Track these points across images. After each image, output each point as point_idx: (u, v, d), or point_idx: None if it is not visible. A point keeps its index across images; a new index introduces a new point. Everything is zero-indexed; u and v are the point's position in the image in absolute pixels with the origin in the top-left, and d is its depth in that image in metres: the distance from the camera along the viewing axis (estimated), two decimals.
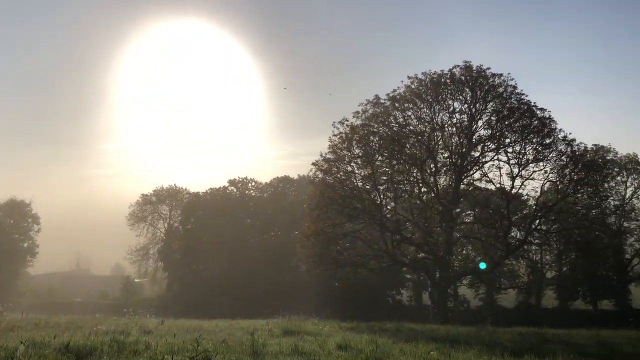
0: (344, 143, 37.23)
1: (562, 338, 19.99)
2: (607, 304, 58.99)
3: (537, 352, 14.09)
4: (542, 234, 39.03)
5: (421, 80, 37.18)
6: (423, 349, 14.33)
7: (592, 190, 35.14)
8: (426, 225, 36.52)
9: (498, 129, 35.65)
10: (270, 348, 13.74)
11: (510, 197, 35.29)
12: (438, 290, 38.17)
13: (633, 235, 61.49)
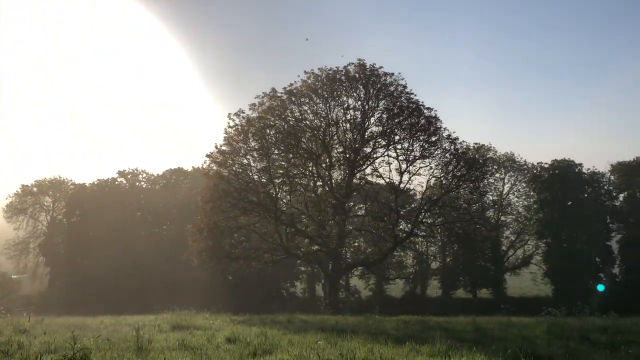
0: (239, 135, 36.97)
1: (442, 325, 21.21)
2: (485, 293, 63.44)
3: (418, 339, 14.91)
4: (427, 227, 41.06)
5: (317, 75, 37.72)
6: (311, 339, 14.66)
7: (472, 186, 37.49)
8: (320, 218, 37.20)
9: (389, 126, 37.01)
10: (157, 344, 13.44)
11: (398, 191, 36.85)
12: (330, 282, 39.09)
13: (509, 228, 66.62)
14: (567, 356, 11.70)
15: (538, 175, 62.40)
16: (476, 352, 11.58)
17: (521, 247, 66.42)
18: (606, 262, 59.40)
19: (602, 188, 61.37)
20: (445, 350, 12.05)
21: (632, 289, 55.17)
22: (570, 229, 59.15)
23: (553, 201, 59.67)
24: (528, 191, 64.54)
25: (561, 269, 57.50)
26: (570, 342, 14.33)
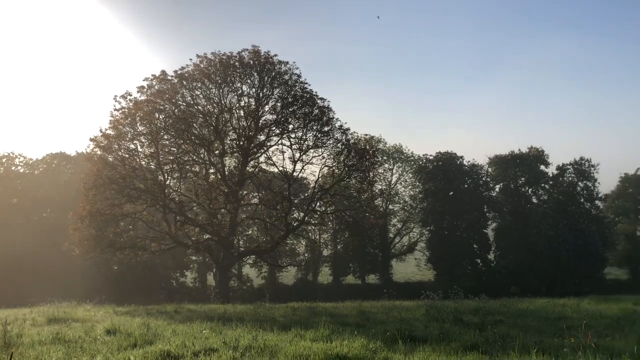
0: (126, 119, 35.29)
1: (329, 310, 21.71)
2: (373, 278, 65.86)
3: (304, 325, 15.16)
4: (319, 215, 41.76)
5: (211, 60, 36.87)
6: (197, 328, 14.42)
7: (362, 175, 38.55)
8: (211, 206, 36.55)
9: (283, 114, 37.06)
10: (27, 338, 12.56)
11: (291, 180, 37.10)
12: (220, 271, 38.62)
13: (396, 216, 69.55)
14: (441, 337, 12.39)
15: (423, 166, 65.56)
16: (357, 336, 11.95)
17: (407, 235, 69.68)
18: (483, 249, 63.75)
19: (481, 179, 65.65)
20: (328, 335, 12.32)
21: (505, 274, 59.85)
22: (452, 218, 62.86)
23: (436, 191, 63.01)
24: (414, 181, 67.64)
25: (442, 255, 61.03)
26: (445, 324, 15.21)
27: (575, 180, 64.24)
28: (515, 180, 64.46)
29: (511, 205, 63.39)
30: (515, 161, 63.90)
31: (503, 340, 11.77)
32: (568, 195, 62.92)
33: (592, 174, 63.77)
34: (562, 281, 56.04)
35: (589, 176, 63.70)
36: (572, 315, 18.07)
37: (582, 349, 9.31)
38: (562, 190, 63.39)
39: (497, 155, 65.54)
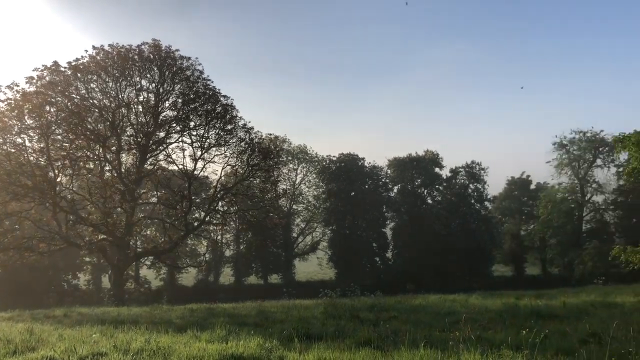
0: (13, 111, 32.89)
1: (228, 311, 21.48)
2: (275, 278, 65.89)
3: (201, 326, 14.90)
4: (221, 215, 41.21)
5: (108, 52, 35.31)
6: (87, 332, 13.74)
7: (266, 175, 38.56)
8: (106, 205, 34.96)
9: (184, 111, 36.23)
10: None
11: (192, 178, 36.33)
12: (115, 272, 37.04)
13: (300, 216, 70.11)
14: (337, 333, 12.66)
15: (327, 167, 66.65)
16: (254, 335, 11.92)
17: (310, 234, 70.45)
18: (382, 247, 65.84)
19: (380, 180, 67.79)
20: (225, 336, 12.20)
21: (401, 271, 62.22)
22: (353, 217, 64.39)
23: (339, 191, 64.30)
24: (318, 182, 68.55)
25: (343, 254, 62.35)
26: (342, 321, 15.55)
27: (466, 183, 68.06)
28: (412, 182, 67.17)
29: (408, 206, 65.95)
30: (413, 164, 66.63)
31: (395, 335, 12.22)
32: (460, 196, 66.54)
33: (482, 177, 67.88)
34: (454, 278, 59.04)
35: (479, 179, 67.72)
36: (460, 310, 19.08)
37: (464, 342, 9.88)
38: (455, 192, 66.93)
39: (396, 157, 67.98)
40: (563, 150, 67.39)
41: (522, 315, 16.79)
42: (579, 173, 67.14)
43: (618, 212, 67.05)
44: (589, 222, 68.42)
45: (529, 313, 16.99)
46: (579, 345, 10.61)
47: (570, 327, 13.09)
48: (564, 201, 66.61)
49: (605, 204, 68.02)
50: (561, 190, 67.52)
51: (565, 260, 64.26)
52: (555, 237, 66.84)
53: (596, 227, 66.89)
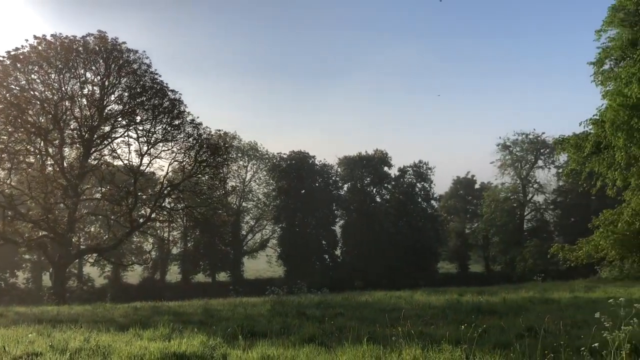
0: None
1: (173, 309, 21.10)
2: (224, 276, 65.32)
3: (144, 324, 14.60)
4: (168, 212, 40.49)
5: (50, 42, 34.07)
6: (22, 332, 13.23)
7: (214, 171, 38.11)
8: (47, 201, 33.76)
9: (130, 105, 35.40)
10: None
11: (138, 174, 35.54)
12: (56, 270, 35.84)
13: (249, 213, 69.74)
14: (283, 330, 12.68)
15: (277, 164, 66.54)
16: (198, 333, 11.79)
17: (259, 232, 70.23)
18: (331, 245, 66.31)
19: (331, 178, 68.27)
20: (168, 334, 12.02)
21: (350, 268, 62.86)
22: (303, 215, 64.59)
23: (289, 189, 64.35)
24: (268, 179, 68.36)
25: (293, 252, 62.45)
26: (288, 318, 15.56)
27: (414, 182, 69.38)
28: (361, 180, 67.93)
29: (357, 204, 66.64)
30: (362, 162, 67.39)
31: (340, 331, 12.33)
32: (408, 195, 67.76)
33: (429, 176, 69.34)
34: (401, 275, 60.04)
35: (426, 178, 69.16)
36: (405, 306, 19.41)
37: (406, 337, 10.08)
38: (403, 190, 68.11)
39: (346, 156, 68.59)
40: (506, 152, 69.65)
41: (464, 311, 17.22)
42: (521, 173, 69.52)
43: (557, 211, 69.86)
44: (530, 221, 71.01)
45: (470, 309, 17.44)
46: (515, 339, 10.98)
47: (509, 322, 13.54)
48: (507, 200, 68.85)
49: (546, 203, 70.78)
50: (504, 190, 69.77)
51: (507, 257, 66.42)
52: (498, 235, 69.00)
53: (537, 225, 69.49)
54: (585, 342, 8.72)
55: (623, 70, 33.49)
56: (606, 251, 32.67)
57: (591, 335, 9.46)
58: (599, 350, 7.80)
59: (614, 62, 36.94)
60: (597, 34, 37.44)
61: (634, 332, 7.85)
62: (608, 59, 36.99)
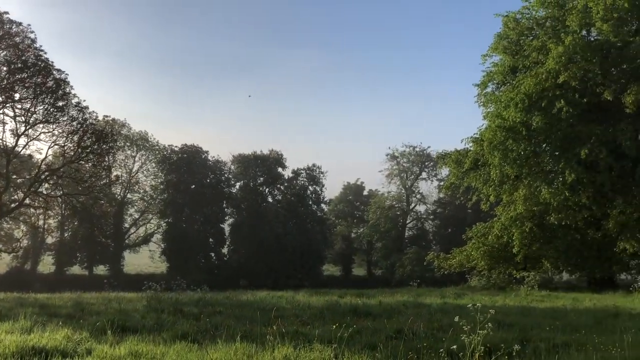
0: None
1: (41, 301, 19.89)
2: (102, 270, 62.20)
3: (4, 316, 13.63)
4: (44, 198, 37.93)
5: None
6: None
7: (98, 159, 36.18)
8: None
9: (9, 81, 32.68)
10: None
11: (11, 155, 32.93)
12: None
13: (134, 206, 67.03)
14: (156, 326, 12.33)
15: (168, 157, 64.56)
16: (63, 327, 11.16)
17: (144, 225, 67.71)
18: (218, 243, 65.42)
19: (223, 175, 67.39)
20: (30, 327, 11.27)
21: (236, 267, 62.40)
22: (191, 211, 63.15)
23: (178, 183, 62.64)
24: (157, 171, 66.11)
25: (177, 248, 60.84)
26: (163, 315, 15.17)
27: (306, 184, 70.37)
28: (254, 179, 67.75)
29: (248, 203, 66.35)
30: (257, 161, 67.24)
31: (216, 329, 12.22)
32: (299, 197, 68.58)
33: (321, 180, 70.66)
34: (287, 275, 60.54)
35: (318, 181, 70.40)
36: (285, 306, 19.64)
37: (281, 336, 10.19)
38: (295, 192, 68.83)
39: (241, 154, 68.10)
40: (394, 162, 72.81)
41: (341, 312, 17.71)
42: (406, 183, 72.92)
43: (436, 221, 73.98)
44: (411, 229, 74.67)
45: (347, 310, 17.97)
46: (385, 340, 11.47)
47: (381, 324, 14.13)
48: (392, 208, 71.89)
49: (426, 213, 74.82)
50: (390, 198, 72.85)
51: (388, 263, 69.20)
52: (381, 241, 71.79)
53: (417, 234, 73.22)
54: (446, 345, 9.32)
55: (503, 94, 36.28)
56: (476, 261, 35.04)
57: (453, 338, 10.13)
58: (456, 352, 8.35)
59: (495, 86, 39.93)
60: (483, 58, 40.34)
61: (487, 336, 8.50)
62: (491, 82, 39.93)
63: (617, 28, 31.60)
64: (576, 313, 18.03)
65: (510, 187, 35.36)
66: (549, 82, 32.49)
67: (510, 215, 33.96)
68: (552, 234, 33.29)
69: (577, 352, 11.08)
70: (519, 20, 38.16)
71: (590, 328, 14.58)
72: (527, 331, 13.47)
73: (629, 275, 35.22)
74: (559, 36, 34.04)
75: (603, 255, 32.32)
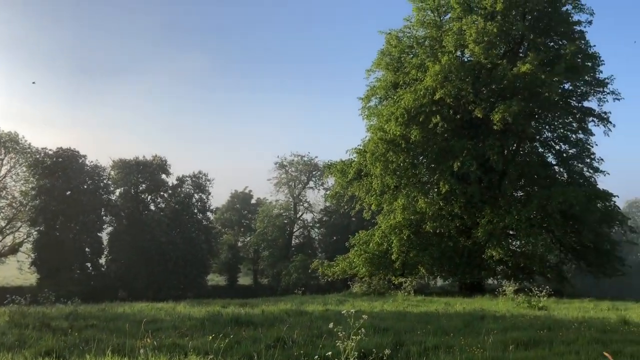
0: None
1: None
2: None
3: None
4: None
5: None
6: None
7: None
8: None
9: None
10: None
11: None
12: None
13: (1, 212, 61.59)
14: (17, 343, 11.42)
15: (41, 160, 60.12)
16: None
17: (11, 234, 62.39)
18: (95, 252, 61.87)
19: (102, 181, 63.91)
20: None
21: (115, 278, 59.41)
22: (66, 219, 59.21)
23: (52, 189, 58.45)
24: (28, 176, 61.27)
25: (50, 258, 56.76)
26: (27, 330, 14.09)
27: (192, 192, 68.70)
28: (136, 186, 64.97)
29: (129, 211, 63.52)
30: (139, 167, 64.52)
31: (86, 343, 11.56)
32: (184, 205, 66.76)
33: (207, 187, 69.30)
34: (169, 286, 58.61)
35: (204, 189, 68.96)
36: (165, 318, 19.00)
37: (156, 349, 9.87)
38: (179, 200, 66.89)
39: (122, 159, 65.06)
40: (283, 170, 73.38)
41: (223, 322, 17.48)
42: (294, 192, 73.75)
43: (322, 230, 75.46)
44: (298, 238, 75.54)
45: (229, 320, 17.77)
46: (264, 349, 11.48)
47: (263, 333, 14.13)
48: (279, 217, 72.30)
49: (313, 222, 76.06)
50: (277, 207, 73.24)
51: (275, 271, 69.39)
52: (268, 249, 71.91)
53: (303, 242, 74.23)
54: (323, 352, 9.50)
55: (385, 108, 37.95)
56: (358, 268, 36.14)
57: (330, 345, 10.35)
58: (331, 359, 8.54)
59: (378, 100, 41.67)
60: (367, 72, 42.02)
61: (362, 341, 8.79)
62: (374, 96, 41.63)
63: (487, 51, 34.25)
64: (447, 317, 19.14)
65: (390, 197, 36.92)
66: (426, 98, 34.46)
67: (390, 224, 35.43)
68: (428, 241, 35.18)
69: (445, 354, 11.82)
70: (401, 38, 40.21)
71: (459, 331, 15.60)
72: (401, 335, 14.12)
73: (495, 280, 37.97)
74: (436, 55, 36.30)
75: (473, 262, 34.62)
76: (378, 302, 27.29)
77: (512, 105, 32.04)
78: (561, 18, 36.92)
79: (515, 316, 19.35)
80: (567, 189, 33.30)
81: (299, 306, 24.58)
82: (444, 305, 25.08)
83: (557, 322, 17.07)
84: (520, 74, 32.77)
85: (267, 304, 26.85)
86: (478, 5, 36.94)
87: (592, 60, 36.86)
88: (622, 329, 15.74)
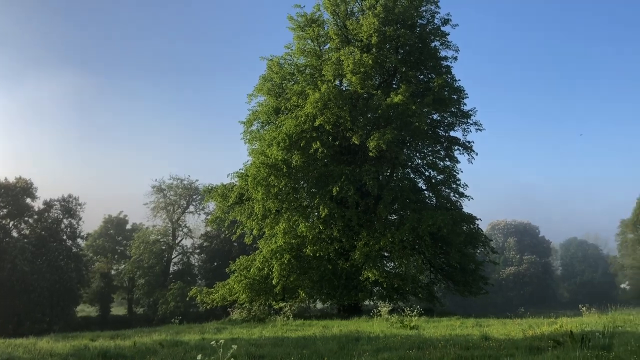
0: None
1: None
2: None
3: None
4: None
5: None
6: None
7: None
8: None
9: None
10: None
11: None
12: None
13: None
14: None
15: None
16: None
17: None
18: None
19: None
20: None
21: None
22: None
23: None
24: None
25: None
26: None
27: (60, 217, 64.13)
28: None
29: None
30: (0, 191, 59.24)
31: None
32: (51, 231, 62.13)
33: (78, 212, 65.09)
34: (33, 319, 53.96)
35: (74, 214, 64.68)
36: (22, 355, 17.46)
37: None
38: (46, 226, 62.17)
39: None
40: (161, 194, 70.88)
41: (90, 357, 16.43)
42: (172, 217, 71.43)
43: (202, 255, 73.62)
44: (177, 264, 73.01)
45: (97, 354, 16.73)
46: None
47: None
48: (156, 243, 69.55)
49: (193, 247, 73.97)
50: (155, 232, 70.43)
51: (151, 300, 66.43)
52: (144, 277, 68.69)
53: (182, 268, 71.83)
54: None
55: (267, 133, 38.17)
56: (238, 294, 35.58)
57: None
58: None
59: (260, 125, 41.84)
60: (249, 97, 42.13)
61: None
62: (256, 121, 41.75)
63: (364, 81, 35.79)
64: (323, 340, 19.39)
65: (271, 221, 36.94)
66: (307, 124, 35.18)
67: (271, 248, 35.38)
68: (308, 264, 35.52)
69: None
70: (282, 65, 40.86)
71: (334, 353, 15.87)
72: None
73: (371, 301, 39.07)
74: (316, 83, 37.31)
75: (350, 284, 35.44)
76: (257, 329, 27.04)
77: (386, 133, 33.59)
78: (430, 53, 39.50)
79: (388, 337, 20.04)
80: (436, 213, 35.26)
81: (175, 336, 23.70)
82: (321, 328, 25.38)
83: (425, 341, 17.91)
84: (393, 104, 34.50)
85: (141, 334, 25.60)
86: (355, 37, 38.54)
87: (458, 93, 39.69)
88: (483, 345, 16.86)
